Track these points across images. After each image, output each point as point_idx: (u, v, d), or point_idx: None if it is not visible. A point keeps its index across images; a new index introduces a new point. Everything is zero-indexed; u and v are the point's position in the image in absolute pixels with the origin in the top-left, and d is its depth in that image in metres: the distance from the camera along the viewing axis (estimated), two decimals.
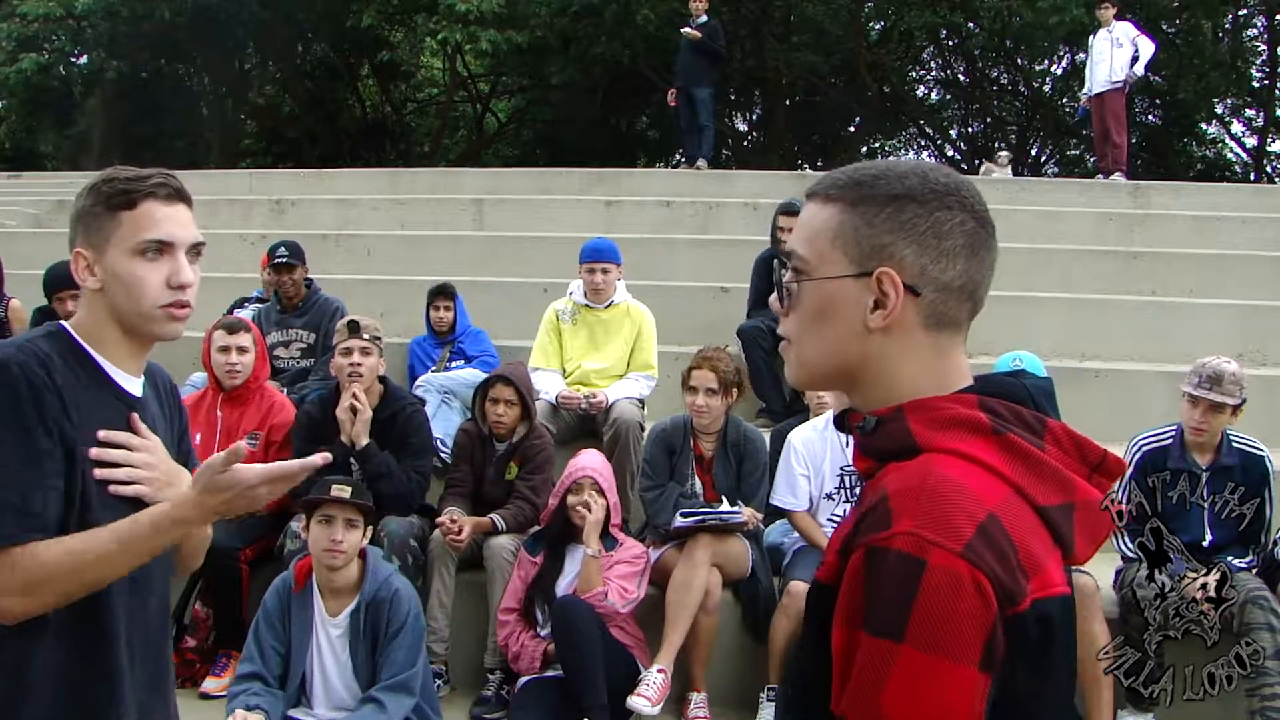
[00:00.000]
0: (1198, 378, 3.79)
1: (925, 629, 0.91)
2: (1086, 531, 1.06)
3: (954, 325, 1.08)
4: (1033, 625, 0.96)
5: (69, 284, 5.15)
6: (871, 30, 20.42)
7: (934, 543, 0.93)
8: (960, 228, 1.06)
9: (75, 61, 18.14)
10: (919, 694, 0.91)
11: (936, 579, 0.92)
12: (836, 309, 1.07)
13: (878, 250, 1.05)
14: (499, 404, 4.33)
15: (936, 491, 0.96)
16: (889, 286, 1.04)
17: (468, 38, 15.36)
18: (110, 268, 1.58)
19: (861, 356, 1.07)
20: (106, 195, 1.58)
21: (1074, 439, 1.07)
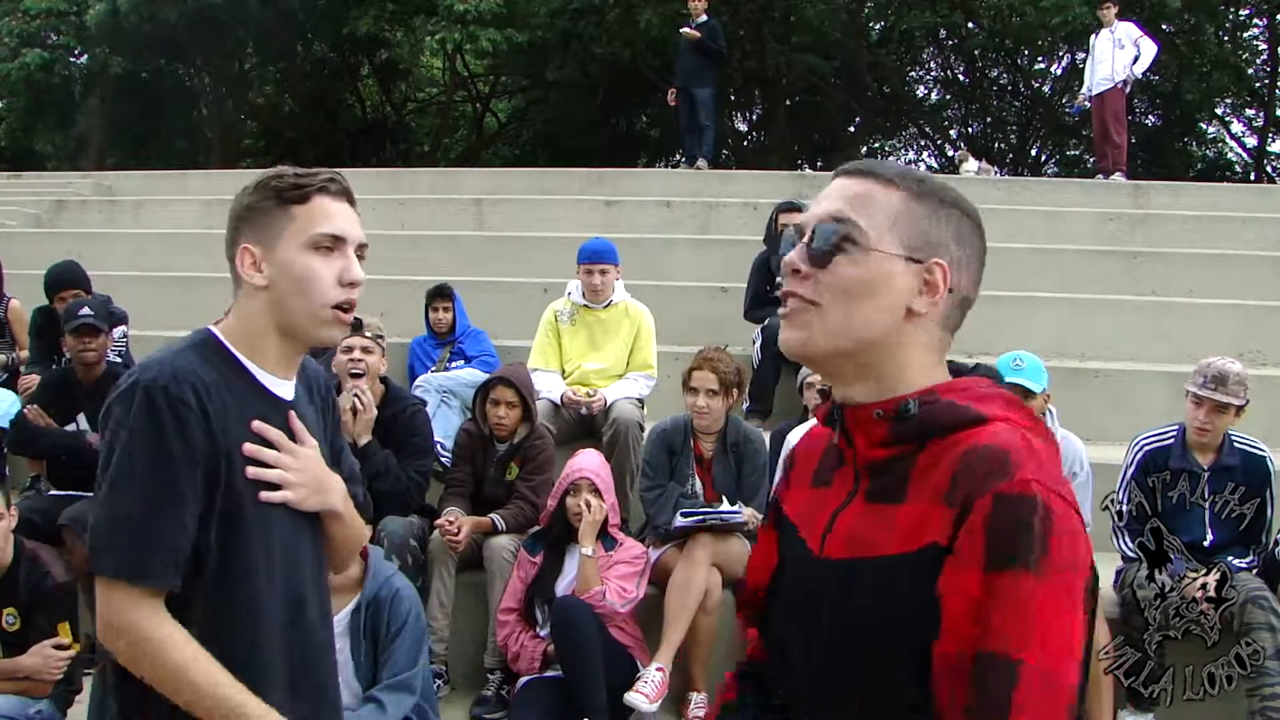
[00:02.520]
0: (1202, 378, 3.79)
1: (1054, 567, 0.99)
2: None
3: (952, 330, 1.17)
4: (1095, 575, 1.05)
5: (71, 284, 5.16)
6: (871, 30, 20.43)
7: (1056, 491, 1.02)
8: (978, 243, 1.17)
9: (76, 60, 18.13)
10: (1056, 626, 0.99)
11: (1062, 523, 1.01)
12: (881, 285, 1.11)
13: (933, 244, 1.12)
14: (500, 405, 4.33)
15: (1040, 448, 1.07)
16: (939, 277, 1.12)
17: (467, 38, 15.36)
18: (281, 263, 1.52)
19: (885, 337, 1.12)
20: (277, 189, 1.54)
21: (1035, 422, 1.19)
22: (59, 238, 8.72)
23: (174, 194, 10.72)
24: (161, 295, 6.68)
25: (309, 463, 1.58)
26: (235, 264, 1.56)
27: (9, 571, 3.45)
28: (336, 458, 1.73)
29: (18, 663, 3.40)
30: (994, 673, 0.98)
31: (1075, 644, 1.00)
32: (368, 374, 4.21)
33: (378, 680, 3.33)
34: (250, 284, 1.54)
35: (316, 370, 1.73)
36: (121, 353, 5.20)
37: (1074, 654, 0.99)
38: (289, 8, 17.77)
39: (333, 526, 1.65)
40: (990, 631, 0.99)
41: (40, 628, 3.45)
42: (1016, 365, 3.76)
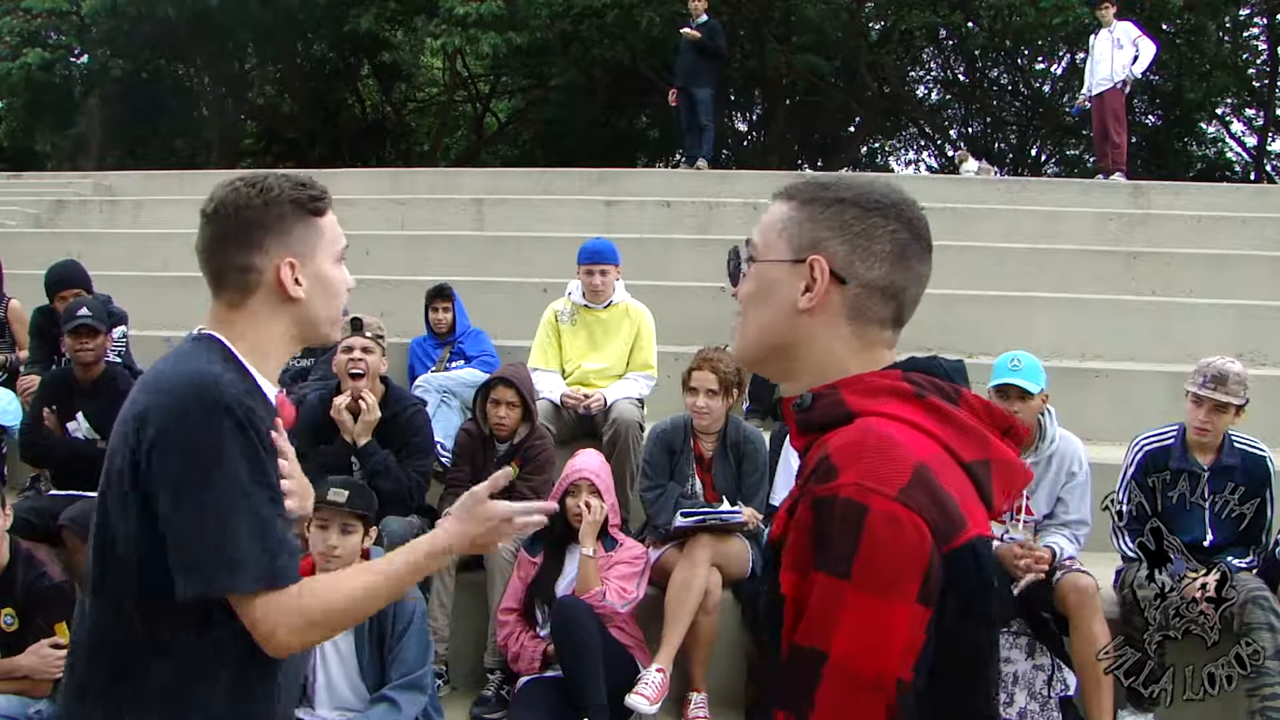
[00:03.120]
0: (1202, 377, 3.79)
1: (870, 567, 1.04)
2: (1002, 485, 1.18)
3: (877, 322, 1.21)
4: (969, 561, 1.09)
5: (71, 283, 5.15)
6: (871, 30, 20.41)
7: (874, 490, 1.05)
8: (892, 236, 1.20)
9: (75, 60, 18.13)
10: (863, 624, 1.04)
11: (876, 521, 1.04)
12: (773, 290, 1.22)
13: (814, 242, 1.20)
14: (500, 405, 4.33)
15: (874, 446, 1.10)
16: (817, 272, 1.19)
17: (468, 40, 15.35)
18: (316, 274, 1.59)
19: (792, 337, 1.22)
20: (301, 201, 1.58)
21: (985, 405, 1.21)
22: (59, 238, 8.71)
23: (174, 194, 10.71)
24: (161, 295, 6.67)
25: (296, 469, 1.63)
26: (269, 274, 1.56)
27: (6, 572, 3.46)
28: None
29: (14, 662, 3.40)
30: (802, 665, 1.06)
31: (890, 640, 1.04)
32: (368, 374, 4.21)
33: (383, 679, 3.33)
34: (287, 295, 1.57)
35: None
36: (121, 353, 5.20)
37: (886, 650, 1.03)
38: (289, 8, 17.77)
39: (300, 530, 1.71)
40: (802, 627, 1.07)
41: (38, 628, 3.46)
42: (1014, 365, 3.76)
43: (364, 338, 4.20)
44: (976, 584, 1.11)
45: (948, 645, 1.09)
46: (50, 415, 4.53)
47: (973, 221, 8.36)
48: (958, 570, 1.08)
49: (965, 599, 1.09)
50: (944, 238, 8.04)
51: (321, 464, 4.06)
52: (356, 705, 3.36)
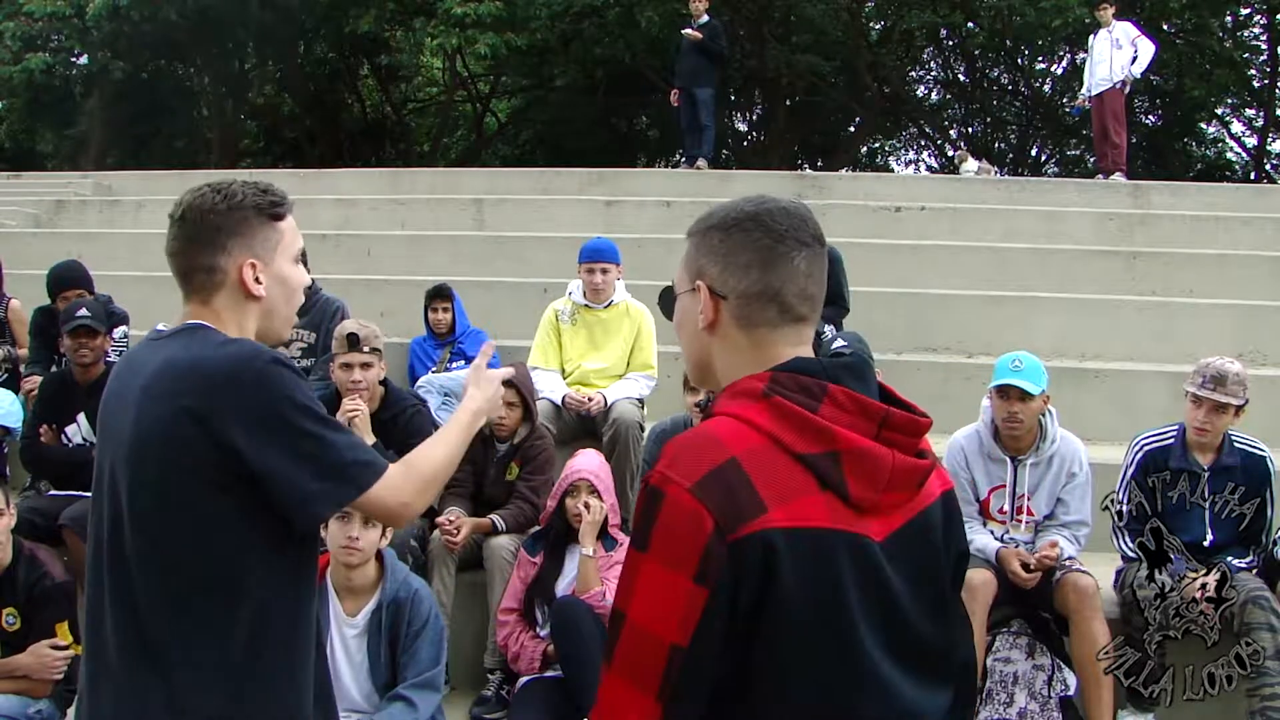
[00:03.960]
0: (1201, 378, 3.78)
1: (657, 545, 1.21)
2: (859, 475, 1.26)
3: (765, 324, 1.33)
4: (754, 551, 1.19)
5: (74, 284, 5.14)
6: (871, 30, 20.42)
7: (672, 479, 1.22)
8: (754, 245, 1.33)
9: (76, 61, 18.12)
10: (649, 593, 1.22)
11: (668, 507, 1.21)
12: (685, 318, 1.42)
13: (699, 270, 1.38)
14: (500, 405, 4.32)
15: (692, 442, 1.26)
16: (702, 294, 1.36)
17: (466, 41, 15.34)
18: (277, 275, 1.71)
19: (706, 354, 1.39)
20: (262, 207, 1.70)
21: (855, 400, 1.28)
22: (59, 238, 8.72)
23: (174, 194, 10.48)
24: (161, 295, 6.61)
25: None
26: (232, 274, 1.68)
27: (8, 571, 3.46)
28: None
29: (14, 661, 3.40)
30: (613, 622, 1.25)
31: (668, 609, 1.20)
32: (368, 389, 4.20)
33: (396, 679, 3.33)
34: (250, 294, 1.69)
35: None
36: (122, 353, 5.20)
37: (665, 617, 1.20)
38: (289, 8, 17.76)
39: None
40: (618, 591, 1.26)
41: (40, 628, 3.46)
42: (1016, 366, 3.76)
43: (361, 353, 4.18)
44: (769, 568, 1.20)
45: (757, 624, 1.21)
46: (48, 430, 4.54)
47: (973, 221, 8.36)
48: (743, 556, 1.19)
49: (760, 581, 1.20)
50: (944, 238, 8.08)
51: None
52: (364, 706, 3.36)
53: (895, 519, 1.31)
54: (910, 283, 6.97)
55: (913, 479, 1.32)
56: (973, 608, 3.60)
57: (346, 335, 4.18)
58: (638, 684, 1.23)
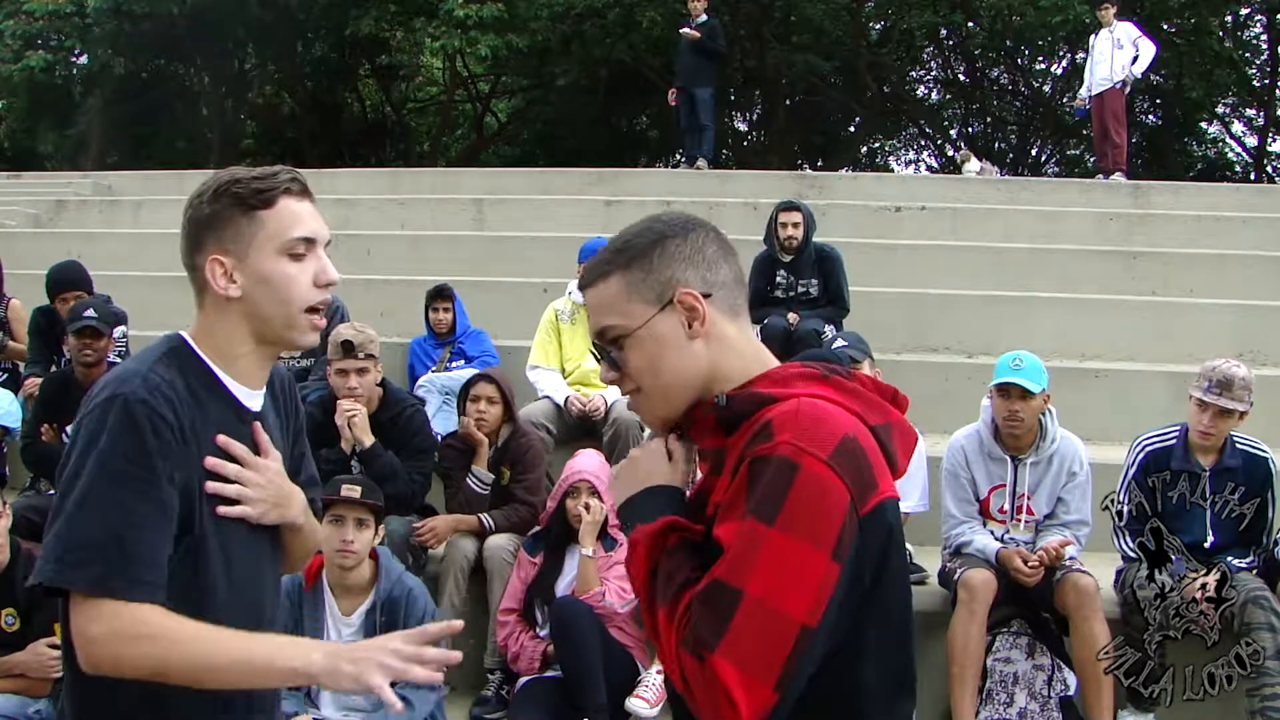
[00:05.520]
0: (1207, 382, 3.76)
1: (792, 517, 1.15)
2: (902, 445, 1.31)
3: (742, 311, 1.37)
4: (878, 522, 1.21)
5: (73, 285, 5.15)
6: (871, 30, 20.41)
7: (807, 451, 1.17)
8: (711, 242, 1.36)
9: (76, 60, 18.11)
10: (780, 569, 1.14)
11: (806, 479, 1.16)
12: (664, 341, 1.32)
13: (666, 283, 1.32)
14: (480, 401, 4.32)
15: (808, 415, 1.22)
16: (691, 301, 1.31)
17: (467, 43, 15.34)
18: (256, 272, 1.48)
19: (700, 365, 1.32)
20: (240, 195, 1.48)
21: (871, 380, 1.35)
22: (59, 238, 8.72)
23: (174, 194, 10.69)
24: (161, 295, 6.66)
25: (272, 476, 1.56)
26: (204, 274, 1.50)
27: (7, 572, 3.45)
28: (299, 464, 1.71)
29: (12, 660, 3.40)
30: (719, 596, 1.15)
31: (807, 585, 1.15)
32: (364, 394, 4.19)
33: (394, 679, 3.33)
34: (223, 295, 1.49)
35: (280, 370, 1.69)
36: (121, 353, 5.19)
37: (803, 594, 1.14)
38: (289, 8, 17.76)
39: (291, 538, 1.65)
40: (724, 562, 1.17)
41: (39, 628, 3.45)
42: (1016, 365, 3.75)
43: (356, 359, 4.17)
44: (887, 542, 1.23)
45: (869, 600, 1.21)
46: (49, 430, 4.54)
47: (973, 221, 8.36)
48: (871, 530, 1.20)
49: (880, 555, 1.22)
50: (944, 238, 8.09)
51: (322, 468, 4.05)
52: (363, 705, 3.37)
53: None
54: (910, 283, 6.97)
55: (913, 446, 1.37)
56: (973, 608, 3.61)
57: (341, 342, 4.16)
58: (755, 671, 1.12)
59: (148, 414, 1.40)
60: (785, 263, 5.89)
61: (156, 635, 1.36)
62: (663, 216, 1.39)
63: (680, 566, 1.24)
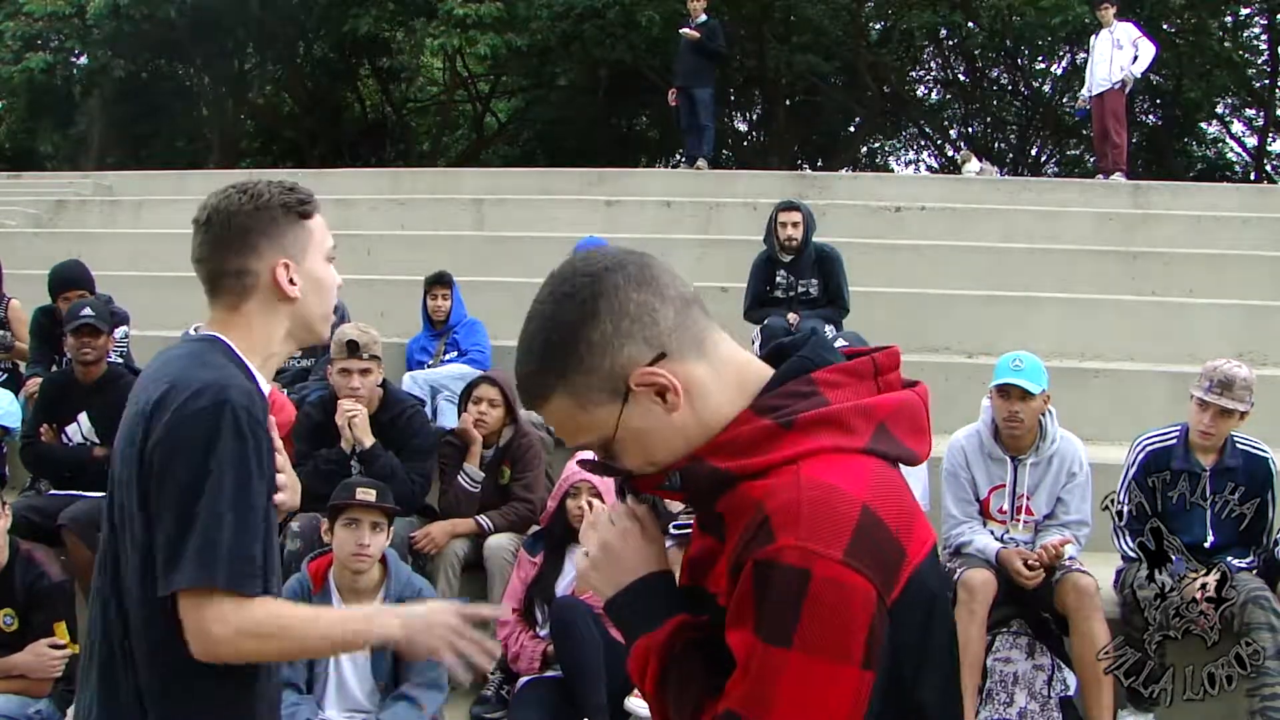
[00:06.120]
0: (1208, 382, 3.76)
1: (812, 635, 0.98)
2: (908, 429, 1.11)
3: (705, 328, 1.13)
4: (915, 598, 1.03)
5: (75, 284, 5.15)
6: (871, 30, 20.40)
7: (818, 554, 0.99)
8: (630, 287, 1.11)
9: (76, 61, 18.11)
10: (804, 695, 0.99)
11: (821, 588, 0.98)
12: (645, 430, 1.12)
13: (613, 374, 1.10)
14: (482, 403, 4.32)
15: (811, 501, 1.01)
16: (651, 379, 1.09)
17: (467, 42, 15.34)
18: (309, 274, 1.64)
19: (690, 429, 1.11)
20: (290, 205, 1.63)
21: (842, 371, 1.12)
22: (59, 238, 8.72)
23: (174, 194, 10.71)
24: (161, 295, 6.67)
25: (287, 465, 1.72)
26: (266, 276, 1.61)
27: (5, 572, 3.46)
28: None
29: (12, 661, 3.40)
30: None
31: (838, 708, 1.00)
32: (365, 394, 4.20)
33: (399, 679, 3.34)
34: (285, 295, 1.62)
35: None
36: (123, 353, 5.20)
37: (834, 717, 1.00)
38: (289, 8, 17.76)
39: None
40: (740, 691, 1.02)
41: (38, 628, 3.46)
42: (1016, 366, 3.76)
43: (360, 360, 4.17)
44: (929, 614, 1.06)
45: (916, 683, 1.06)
46: (48, 430, 4.54)
47: (973, 221, 8.36)
48: (907, 612, 1.03)
49: (921, 634, 1.06)
50: (944, 238, 8.08)
51: (321, 467, 4.06)
52: (367, 706, 3.37)
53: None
54: (910, 283, 6.97)
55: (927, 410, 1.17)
56: (972, 608, 3.61)
57: (346, 342, 4.17)
58: None
59: (249, 421, 1.50)
60: (785, 263, 5.89)
61: (277, 633, 1.52)
62: (564, 282, 1.18)
63: (692, 675, 1.11)
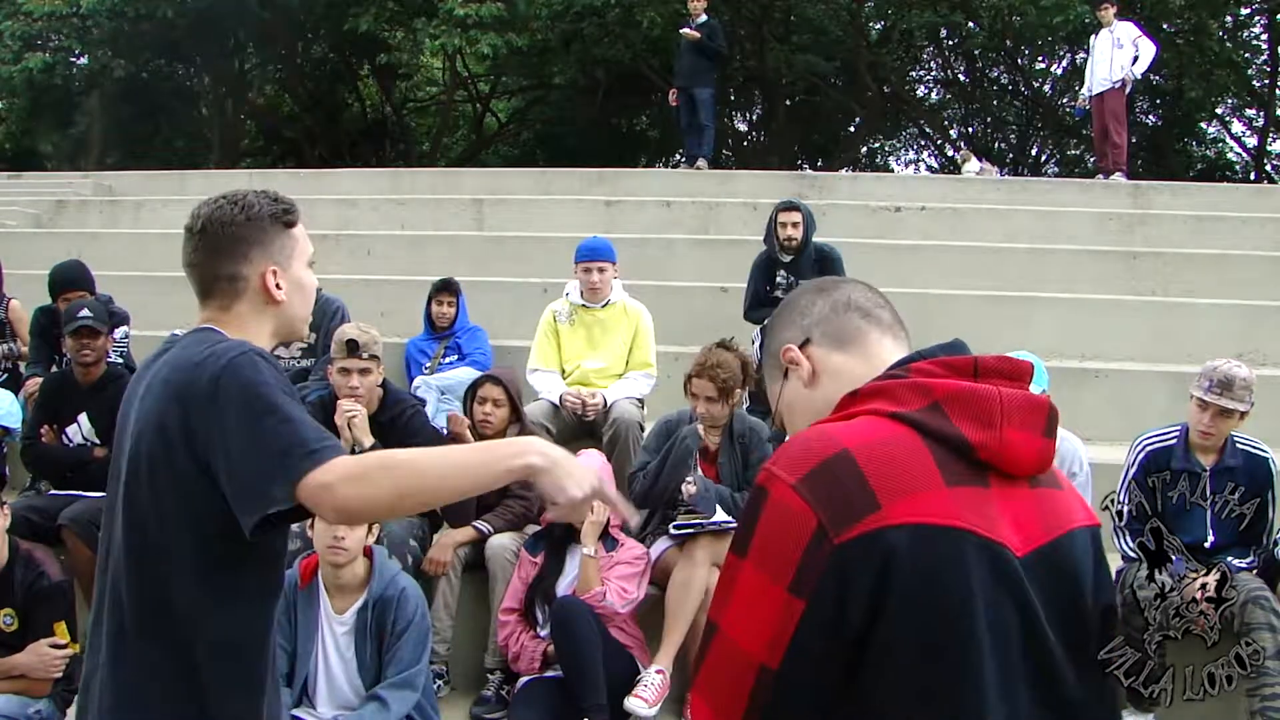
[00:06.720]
0: (1208, 381, 3.76)
1: (758, 548, 1.09)
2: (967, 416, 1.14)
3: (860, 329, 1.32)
4: (864, 554, 1.04)
5: (75, 284, 5.15)
6: (871, 30, 20.40)
7: (777, 476, 1.10)
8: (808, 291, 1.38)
9: (76, 61, 18.11)
10: (742, 604, 1.09)
11: (770, 507, 1.09)
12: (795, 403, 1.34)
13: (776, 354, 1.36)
14: (486, 403, 4.33)
15: (804, 437, 1.14)
16: (791, 355, 1.33)
17: (468, 42, 15.34)
18: (294, 279, 1.78)
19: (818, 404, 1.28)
20: (277, 215, 1.77)
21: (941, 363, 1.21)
22: (59, 238, 8.71)
23: (174, 194, 10.70)
24: (161, 295, 6.67)
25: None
26: (255, 280, 1.73)
27: (5, 572, 3.45)
28: None
29: (12, 661, 3.40)
30: (705, 632, 1.13)
31: (762, 621, 1.06)
32: (365, 393, 4.19)
33: (381, 678, 3.33)
34: (272, 298, 1.75)
35: None
36: (123, 353, 5.19)
37: (759, 630, 1.06)
38: (289, 7, 17.75)
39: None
40: (714, 598, 1.14)
41: (38, 628, 3.46)
42: None
43: (360, 359, 4.17)
44: (885, 576, 1.04)
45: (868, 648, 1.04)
46: (49, 430, 4.54)
47: (973, 221, 8.36)
48: (853, 562, 1.04)
49: (874, 591, 1.04)
50: (944, 238, 8.08)
51: None
52: (354, 702, 3.37)
53: (1037, 531, 1.16)
54: (910, 283, 6.97)
55: (1035, 416, 1.17)
56: None
57: (346, 341, 4.17)
58: (722, 709, 1.09)
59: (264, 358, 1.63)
60: (785, 263, 5.90)
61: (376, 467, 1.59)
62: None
63: None
